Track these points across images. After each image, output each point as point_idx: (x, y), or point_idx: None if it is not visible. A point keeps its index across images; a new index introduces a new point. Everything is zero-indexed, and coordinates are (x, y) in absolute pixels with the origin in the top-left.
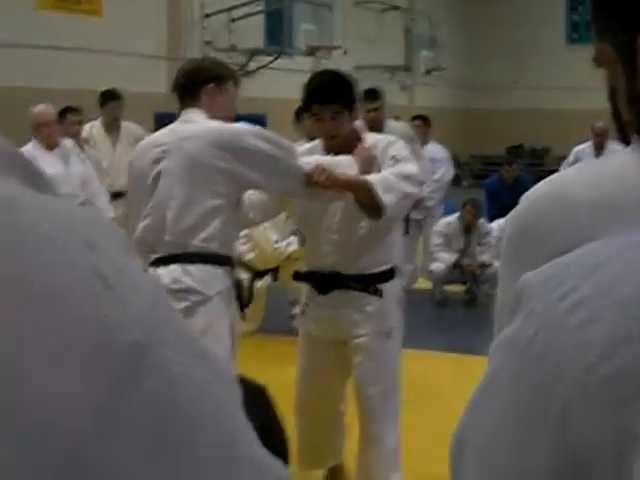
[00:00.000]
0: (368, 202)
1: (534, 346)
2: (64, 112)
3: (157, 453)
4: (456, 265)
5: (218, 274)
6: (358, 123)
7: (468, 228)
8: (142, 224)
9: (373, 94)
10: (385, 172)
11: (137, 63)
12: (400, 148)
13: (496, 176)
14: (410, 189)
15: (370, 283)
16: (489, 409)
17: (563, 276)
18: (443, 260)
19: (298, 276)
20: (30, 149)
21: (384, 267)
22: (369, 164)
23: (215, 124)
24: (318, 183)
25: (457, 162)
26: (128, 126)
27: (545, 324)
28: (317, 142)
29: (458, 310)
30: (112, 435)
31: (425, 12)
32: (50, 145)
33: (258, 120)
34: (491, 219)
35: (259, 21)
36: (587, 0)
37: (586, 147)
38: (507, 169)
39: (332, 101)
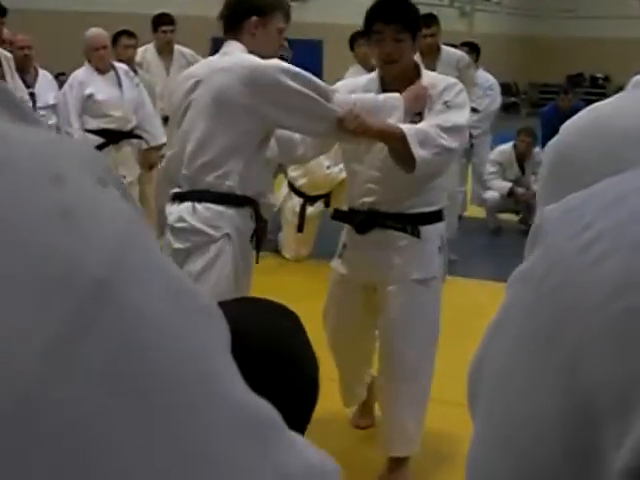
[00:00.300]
0: (401, 154)
1: (548, 281)
2: (118, 36)
3: (120, 400)
4: (510, 194)
5: (228, 214)
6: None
7: (522, 157)
8: (168, 154)
9: (429, 19)
10: (427, 122)
11: None
12: (456, 93)
13: (552, 104)
14: (451, 143)
15: (409, 223)
16: (503, 341)
17: (582, 210)
18: (497, 188)
19: (337, 215)
20: (82, 73)
21: (427, 208)
22: (420, 103)
23: (249, 58)
24: (349, 129)
25: (516, 90)
26: (181, 50)
27: (560, 259)
28: (373, 75)
29: (511, 239)
30: (67, 379)
31: None
32: (102, 69)
33: (314, 46)
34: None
35: None
36: None
37: None
38: (563, 97)
39: (397, 20)
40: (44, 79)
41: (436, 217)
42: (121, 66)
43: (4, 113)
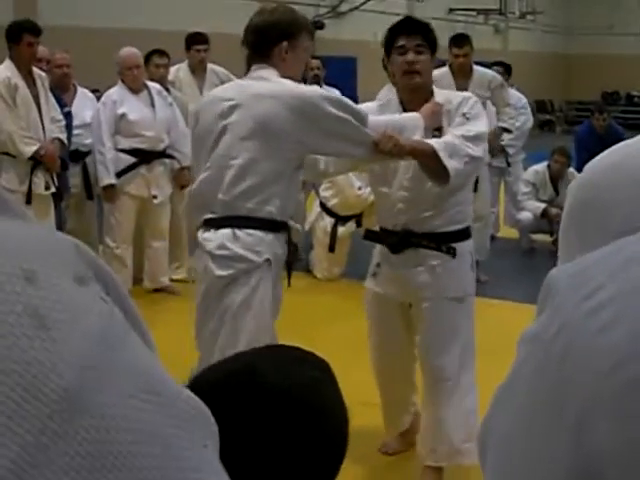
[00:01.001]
0: (434, 168)
1: (556, 345)
2: (150, 55)
3: None
4: (543, 214)
5: (269, 240)
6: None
7: (556, 177)
8: (200, 177)
9: (461, 39)
10: (451, 135)
11: (227, 4)
12: (472, 105)
13: (586, 124)
14: (476, 152)
15: (443, 242)
16: (512, 402)
17: (590, 273)
18: (531, 209)
19: (369, 235)
20: (116, 92)
21: (458, 226)
22: (437, 119)
23: (290, 85)
24: (385, 151)
25: (551, 108)
26: (214, 69)
27: (568, 323)
28: (391, 96)
29: (545, 260)
30: None
31: None
32: (136, 88)
33: (348, 63)
34: (580, 169)
35: None
36: None
37: None
38: (597, 117)
39: (418, 32)
40: (83, 97)
41: (466, 234)
42: (154, 85)
43: None
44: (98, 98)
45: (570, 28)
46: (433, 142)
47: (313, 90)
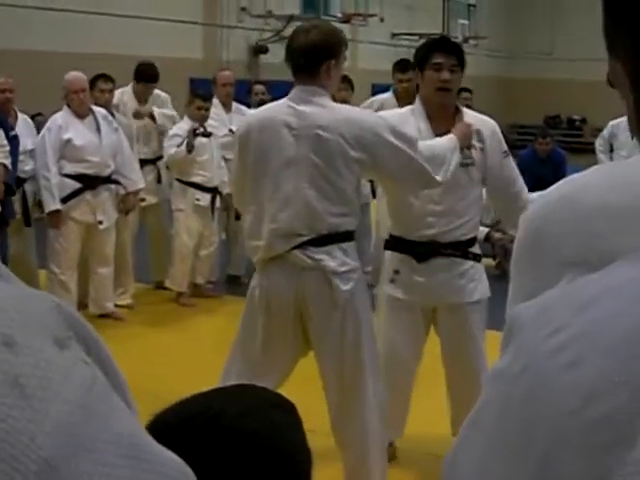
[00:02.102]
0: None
1: (521, 383)
2: (95, 80)
3: None
4: (487, 239)
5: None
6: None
7: None
8: (283, 214)
9: (405, 64)
10: (517, 186)
11: (173, 29)
12: (502, 138)
13: (530, 148)
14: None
15: (466, 249)
16: (478, 439)
17: (553, 312)
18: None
19: (389, 245)
20: (61, 116)
21: (474, 233)
22: (468, 140)
23: (351, 114)
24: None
25: None
26: (158, 93)
27: (532, 362)
28: (415, 107)
29: (490, 283)
30: None
31: None
32: (81, 113)
33: (292, 86)
34: None
35: None
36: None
37: (621, 122)
38: (541, 142)
39: (455, 53)
40: (24, 124)
41: (476, 240)
42: (100, 110)
43: None
44: (41, 122)
45: (512, 53)
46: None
47: (375, 120)
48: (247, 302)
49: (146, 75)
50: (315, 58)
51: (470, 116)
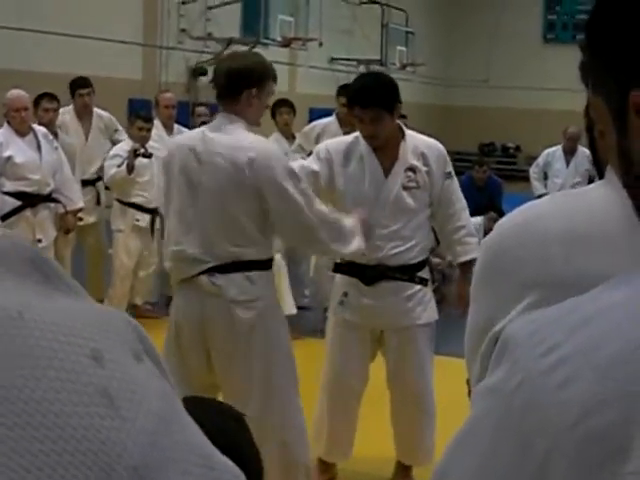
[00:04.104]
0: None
1: (516, 399)
2: (40, 99)
3: None
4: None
5: (267, 277)
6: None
7: None
8: (186, 238)
9: (346, 89)
10: (464, 224)
11: (113, 49)
12: (448, 160)
13: (466, 176)
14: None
15: (414, 273)
16: (471, 452)
17: (547, 331)
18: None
19: (338, 268)
20: (2, 134)
21: (423, 257)
22: (366, 228)
23: (251, 143)
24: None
25: None
26: (99, 113)
27: (527, 378)
28: (358, 135)
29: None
30: None
31: (402, 7)
32: (22, 131)
33: None
34: None
35: (235, 10)
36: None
37: (556, 150)
38: (477, 170)
39: (373, 104)
40: None
41: (425, 264)
42: (40, 129)
43: (38, 282)
44: None
45: (449, 80)
46: (471, 255)
47: (276, 159)
48: (169, 324)
49: (78, 83)
50: (237, 84)
51: (416, 139)
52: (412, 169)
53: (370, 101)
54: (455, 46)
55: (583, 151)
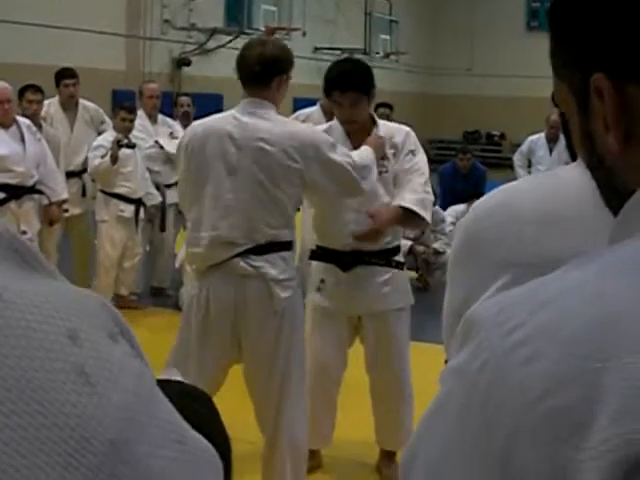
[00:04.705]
0: (412, 222)
1: (480, 378)
2: (24, 90)
3: None
4: (409, 252)
5: (293, 257)
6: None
7: None
8: (224, 223)
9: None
10: (413, 185)
11: (96, 40)
12: (414, 141)
13: (450, 163)
14: (431, 194)
15: (390, 257)
16: (438, 433)
17: (512, 311)
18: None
19: (315, 255)
20: None
21: (397, 242)
22: (381, 150)
23: (293, 127)
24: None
25: None
26: (85, 105)
27: (491, 357)
28: (334, 124)
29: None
30: None
31: None
32: (5, 123)
33: (215, 99)
34: (445, 206)
35: (219, 0)
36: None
37: (540, 137)
38: (461, 157)
39: (352, 89)
40: None
41: (399, 249)
42: (24, 121)
43: (16, 264)
44: None
45: (432, 69)
46: (410, 203)
47: (316, 134)
48: (184, 313)
49: (63, 74)
50: (270, 69)
51: (386, 126)
52: (383, 157)
53: (349, 86)
54: (439, 34)
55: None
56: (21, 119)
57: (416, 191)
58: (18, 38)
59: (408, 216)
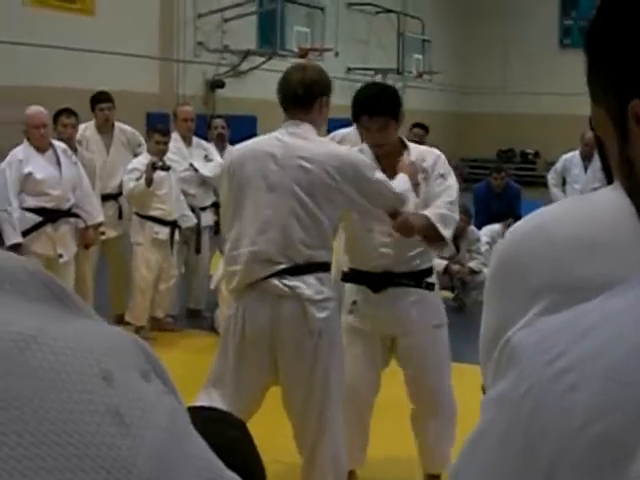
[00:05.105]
0: (433, 238)
1: (523, 407)
2: (58, 114)
3: None
4: (445, 271)
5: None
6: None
7: (457, 235)
8: (262, 238)
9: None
10: (439, 206)
11: (129, 63)
12: (444, 163)
13: (484, 182)
14: (457, 215)
15: (421, 279)
16: (479, 459)
17: (553, 339)
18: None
19: (347, 277)
20: (22, 150)
21: (429, 263)
22: (415, 177)
23: (333, 147)
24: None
25: None
26: (122, 128)
27: (534, 386)
28: (364, 147)
29: (449, 316)
30: None
31: (418, 15)
32: (41, 147)
33: (249, 121)
34: (480, 226)
35: (252, 22)
36: (580, 6)
37: (574, 155)
38: (495, 176)
39: (380, 113)
40: None
41: (432, 270)
42: (59, 145)
43: (50, 305)
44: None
45: (465, 87)
46: (430, 215)
47: (354, 155)
48: (222, 334)
49: (98, 98)
50: (312, 91)
51: (417, 150)
52: (415, 184)
53: (376, 110)
54: (472, 53)
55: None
56: (57, 143)
57: (439, 207)
58: (52, 62)
59: (430, 228)
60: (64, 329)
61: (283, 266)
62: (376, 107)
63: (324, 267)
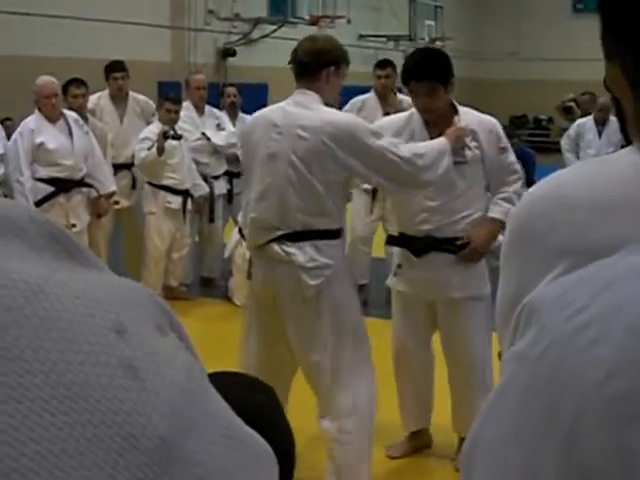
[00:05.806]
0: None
1: (544, 363)
2: (68, 85)
3: None
4: None
5: (336, 245)
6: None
7: None
8: (260, 205)
9: (384, 61)
10: (509, 198)
11: (141, 32)
12: (502, 135)
13: None
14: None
15: (463, 247)
16: (502, 417)
17: (573, 294)
18: None
19: (392, 240)
20: (33, 121)
21: None
22: (461, 141)
23: (333, 117)
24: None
25: None
26: (136, 97)
27: (554, 341)
28: (413, 113)
29: None
30: None
31: None
32: (52, 117)
33: (260, 89)
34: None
35: None
36: None
37: (588, 121)
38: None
39: (428, 77)
40: None
41: None
42: (71, 114)
43: (58, 256)
44: (10, 127)
45: (478, 54)
46: (502, 217)
47: (353, 121)
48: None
49: (112, 67)
50: (319, 60)
51: (469, 115)
52: (463, 147)
53: (424, 74)
54: (484, 19)
55: (615, 121)
56: (68, 113)
57: (509, 200)
58: (63, 32)
59: (499, 230)
60: (72, 278)
61: (281, 232)
62: (423, 72)
63: (324, 234)
